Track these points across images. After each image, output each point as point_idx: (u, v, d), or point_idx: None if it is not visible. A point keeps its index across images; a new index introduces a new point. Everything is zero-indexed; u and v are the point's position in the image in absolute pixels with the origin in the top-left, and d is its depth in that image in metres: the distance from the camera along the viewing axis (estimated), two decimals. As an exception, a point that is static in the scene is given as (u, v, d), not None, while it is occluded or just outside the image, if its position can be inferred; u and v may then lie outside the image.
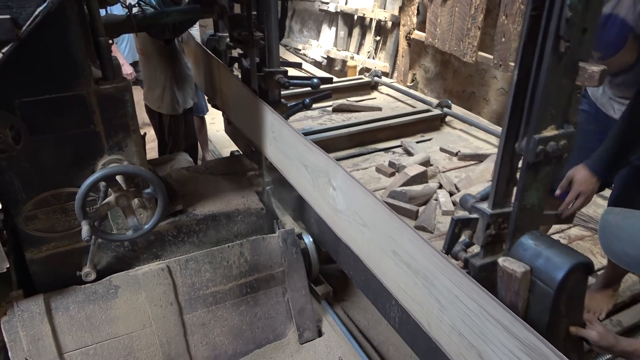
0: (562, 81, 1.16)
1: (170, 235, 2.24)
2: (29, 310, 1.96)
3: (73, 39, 1.68)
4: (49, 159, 1.83)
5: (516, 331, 1.13)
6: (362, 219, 1.70)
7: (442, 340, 1.43)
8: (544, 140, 1.19)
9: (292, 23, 8.07)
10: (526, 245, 1.29)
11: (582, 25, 1.10)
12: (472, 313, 1.25)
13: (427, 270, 1.38)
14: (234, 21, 2.54)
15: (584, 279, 1.25)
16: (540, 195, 1.30)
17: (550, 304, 1.23)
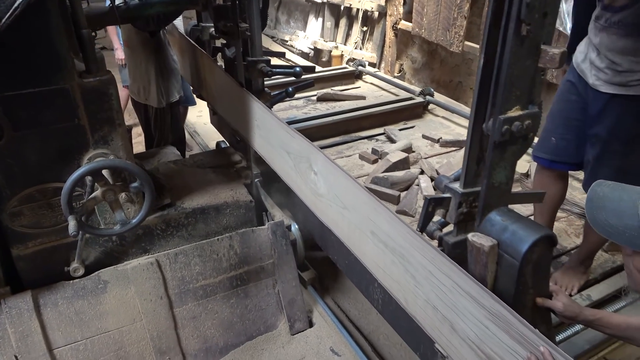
0: (526, 63, 1.20)
1: (158, 229, 2.23)
2: (17, 307, 1.94)
3: (55, 32, 1.65)
4: (34, 154, 1.80)
5: (484, 301, 1.20)
6: (342, 202, 1.74)
7: (418, 315, 1.50)
8: (509, 120, 1.24)
9: (279, 14, 8.02)
10: (494, 221, 1.34)
11: (542, 10, 1.14)
12: (444, 287, 1.31)
13: (403, 248, 1.44)
14: (219, 12, 2.52)
15: (548, 251, 1.30)
16: (507, 173, 1.35)
17: (516, 275, 1.28)
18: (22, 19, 1.42)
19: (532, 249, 1.25)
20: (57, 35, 1.66)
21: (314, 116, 3.78)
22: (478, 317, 1.24)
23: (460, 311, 1.29)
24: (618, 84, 1.85)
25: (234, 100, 2.50)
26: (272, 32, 7.95)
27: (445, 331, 1.39)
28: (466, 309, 1.27)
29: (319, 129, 3.59)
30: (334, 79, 4.75)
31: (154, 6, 2.56)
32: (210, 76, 2.83)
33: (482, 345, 1.26)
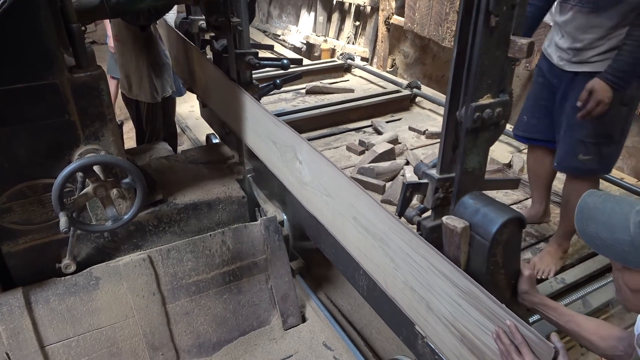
0: (496, 53, 1.26)
1: (150, 225, 2.22)
2: (8, 304, 1.93)
3: (44, 26, 1.63)
4: (23, 150, 1.78)
5: (456, 280, 1.26)
6: (325, 189, 1.79)
7: (397, 297, 1.56)
8: (481, 108, 1.29)
9: (271, 8, 7.98)
10: (467, 204, 1.40)
11: (510, 2, 1.19)
12: (420, 268, 1.38)
13: (382, 232, 1.50)
14: (210, 7, 2.50)
15: (517, 232, 1.35)
16: (480, 159, 1.42)
17: (487, 254, 1.33)
18: (10, 14, 1.41)
19: (502, 229, 1.30)
20: (47, 29, 1.64)
21: (303, 108, 3.82)
22: (451, 295, 1.29)
23: (435, 290, 1.35)
24: (579, 61, 2.01)
25: (224, 94, 2.51)
26: (264, 27, 7.91)
27: (422, 311, 1.45)
28: (440, 288, 1.32)
29: (307, 121, 3.64)
30: (323, 72, 4.79)
31: (145, 0, 2.53)
32: (200, 70, 2.83)
33: (455, 322, 1.32)
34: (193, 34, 3.08)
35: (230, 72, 2.49)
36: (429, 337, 1.47)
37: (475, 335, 1.26)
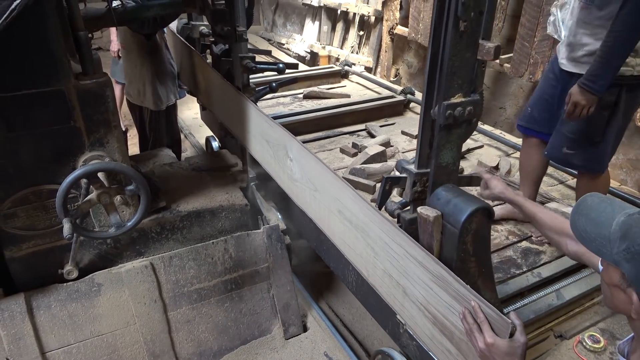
0: (465, 55, 1.35)
1: (153, 232, 2.22)
2: (10, 309, 1.93)
3: (51, 33, 1.65)
4: (28, 156, 1.79)
5: (428, 265, 1.36)
6: (313, 184, 1.88)
7: (377, 285, 1.66)
8: (452, 106, 1.38)
9: (276, 17, 8.03)
10: (440, 195, 1.48)
11: (477, 8, 1.29)
12: (397, 255, 1.48)
13: (364, 223, 1.60)
14: (216, 16, 2.52)
15: (486, 222, 1.43)
16: (453, 154, 1.51)
17: (457, 242, 1.41)
18: (19, 21, 1.41)
19: (470, 218, 1.38)
20: (54, 36, 1.65)
21: (299, 112, 3.92)
22: (424, 280, 1.39)
23: (411, 276, 1.45)
24: (573, 60, 2.09)
25: (223, 97, 2.59)
26: (269, 35, 7.95)
27: (399, 296, 1.55)
28: (415, 273, 1.42)
29: (302, 124, 3.73)
30: (320, 78, 4.88)
31: (151, 9, 2.56)
32: (202, 76, 2.90)
33: (428, 305, 1.41)
34: (194, 38, 3.17)
35: (235, 80, 2.52)
36: (407, 324, 1.56)
37: (445, 317, 1.35)
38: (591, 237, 1.01)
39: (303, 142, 2.10)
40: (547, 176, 3.07)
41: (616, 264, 0.96)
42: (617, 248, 0.95)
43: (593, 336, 2.07)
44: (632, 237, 0.92)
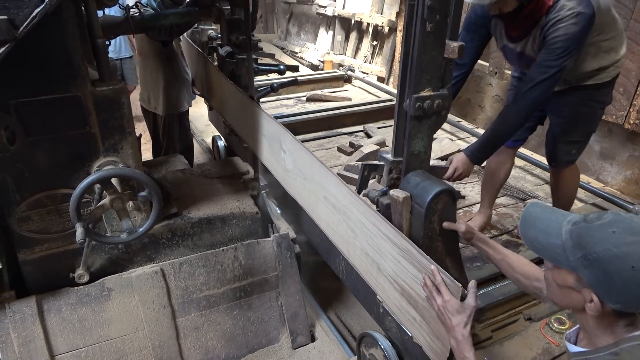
0: (433, 54, 1.49)
1: (164, 238, 2.23)
2: (21, 311, 1.94)
3: (70, 40, 1.67)
4: (44, 160, 1.82)
5: (397, 241, 1.51)
6: (303, 173, 2.03)
7: (357, 264, 1.82)
8: (421, 99, 1.53)
9: (290, 26, 8.09)
10: (410, 179, 1.64)
11: (442, 11, 1.42)
12: (372, 234, 1.63)
13: (345, 207, 1.75)
14: (232, 25, 2.55)
15: (450, 203, 1.58)
16: (424, 143, 1.65)
17: (423, 220, 1.56)
18: (38, 28, 1.44)
19: (435, 199, 1.53)
20: (72, 43, 1.68)
21: (300, 112, 4.06)
22: (394, 255, 1.54)
23: (383, 253, 1.60)
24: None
25: (239, 111, 2.66)
26: (282, 44, 8.01)
27: (374, 272, 1.70)
28: (386, 249, 1.57)
29: (303, 124, 3.86)
30: (324, 82, 5.02)
31: (168, 17, 2.60)
32: (217, 85, 2.99)
33: (397, 278, 1.57)
34: (203, 42, 3.26)
35: (249, 90, 2.55)
36: (383, 300, 1.71)
37: (411, 287, 1.51)
38: (544, 247, 1.10)
39: (303, 141, 2.42)
40: (533, 176, 3.29)
41: (574, 270, 1.05)
42: (572, 256, 1.04)
43: (559, 319, 2.23)
44: (587, 247, 1.02)
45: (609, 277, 0.99)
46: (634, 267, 0.96)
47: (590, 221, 1.05)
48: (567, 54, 1.85)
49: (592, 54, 2.03)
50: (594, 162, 3.97)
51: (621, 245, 0.98)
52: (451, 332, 1.30)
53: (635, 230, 1.00)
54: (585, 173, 3.55)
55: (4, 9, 1.37)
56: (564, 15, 1.83)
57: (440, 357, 1.45)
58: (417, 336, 1.58)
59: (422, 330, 1.52)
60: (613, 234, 1.00)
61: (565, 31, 1.82)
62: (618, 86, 3.26)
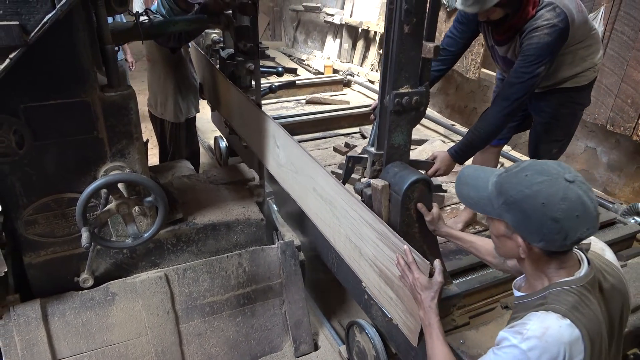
0: (411, 54, 1.60)
1: (169, 244, 2.24)
2: (25, 315, 1.95)
3: (80, 46, 1.69)
4: (51, 164, 1.83)
5: (375, 226, 1.62)
6: (294, 166, 2.13)
7: (341, 250, 1.93)
8: (400, 95, 1.64)
9: (297, 33, 8.12)
10: (389, 170, 1.75)
11: (419, 14, 1.53)
12: (354, 220, 1.74)
13: (331, 197, 1.87)
14: (240, 32, 2.56)
15: (426, 192, 1.68)
16: (404, 137, 1.75)
17: (400, 207, 1.66)
18: (49, 33, 1.46)
19: (411, 187, 1.63)
20: (82, 49, 1.70)
21: (298, 114, 4.17)
22: (372, 239, 1.65)
23: (364, 237, 1.71)
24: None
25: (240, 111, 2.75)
26: (290, 51, 8.04)
27: (356, 257, 1.81)
28: (367, 234, 1.68)
29: (301, 125, 3.98)
30: (323, 85, 5.10)
31: (177, 24, 2.61)
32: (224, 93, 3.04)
33: (376, 260, 1.68)
34: (206, 45, 3.39)
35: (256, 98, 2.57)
36: (365, 284, 1.84)
37: (387, 268, 1.63)
38: (475, 200, 1.21)
39: (300, 141, 2.59)
40: None
41: (499, 216, 1.15)
42: (497, 204, 1.14)
43: None
44: (505, 192, 1.12)
45: (526, 216, 1.08)
46: (544, 204, 1.05)
47: (509, 170, 1.16)
48: (539, 61, 1.94)
49: (568, 61, 2.16)
50: (602, 174, 3.95)
51: (532, 185, 1.07)
52: (420, 304, 1.42)
53: (545, 171, 1.08)
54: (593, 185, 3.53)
55: (15, 14, 1.39)
56: (539, 24, 1.93)
57: (412, 332, 1.58)
58: (393, 314, 1.71)
59: (397, 308, 1.64)
60: (525, 177, 1.09)
61: (538, 40, 1.93)
62: (626, 98, 3.25)
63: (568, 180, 1.06)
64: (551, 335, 1.04)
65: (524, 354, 1.03)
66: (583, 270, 1.13)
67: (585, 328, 1.06)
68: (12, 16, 1.39)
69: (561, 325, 1.05)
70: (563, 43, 2.00)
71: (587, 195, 1.06)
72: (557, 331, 1.04)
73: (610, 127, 3.40)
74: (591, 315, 1.09)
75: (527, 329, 1.06)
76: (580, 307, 1.08)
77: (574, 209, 1.04)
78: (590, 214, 1.06)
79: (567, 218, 1.04)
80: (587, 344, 1.05)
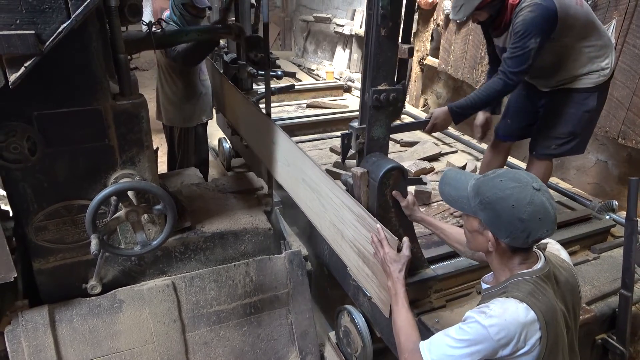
0: (388, 54, 1.76)
1: (177, 252, 2.24)
2: (33, 320, 1.96)
3: (93, 55, 1.71)
4: (63, 171, 1.85)
5: (354, 209, 1.82)
6: (287, 160, 2.32)
7: (327, 234, 2.11)
8: (378, 92, 1.80)
9: (307, 44, 8.18)
10: (368, 159, 1.90)
11: (394, 19, 1.69)
12: (337, 205, 1.93)
13: (317, 185, 2.06)
14: (251, 43, 2.58)
15: (401, 180, 1.83)
16: (383, 130, 1.91)
17: (377, 192, 1.80)
18: (64, 43, 1.48)
19: (387, 174, 1.78)
20: (96, 59, 1.72)
21: (297, 116, 4.31)
22: (352, 221, 1.84)
23: (344, 220, 1.90)
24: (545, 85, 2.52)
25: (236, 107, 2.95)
26: (300, 61, 8.08)
27: (339, 239, 2.00)
28: (347, 218, 1.88)
29: (300, 127, 4.09)
30: (324, 90, 5.23)
31: (189, 34, 2.64)
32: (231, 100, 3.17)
33: (355, 241, 1.86)
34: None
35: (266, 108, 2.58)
36: (349, 267, 2.00)
37: (364, 247, 1.79)
38: (455, 199, 1.37)
39: (299, 142, 2.75)
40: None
41: (475, 214, 1.31)
42: (473, 203, 1.30)
43: None
44: (482, 193, 1.28)
45: (497, 216, 1.24)
46: (513, 206, 1.22)
47: (486, 175, 1.32)
48: (527, 35, 2.11)
49: (572, 57, 2.29)
50: (612, 187, 3.91)
51: (505, 189, 1.24)
52: (389, 276, 1.58)
53: (517, 179, 1.25)
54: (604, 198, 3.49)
55: (31, 24, 1.41)
56: (523, 6, 2.13)
57: (385, 305, 1.73)
58: (370, 290, 1.88)
59: (373, 284, 1.81)
60: (500, 182, 1.26)
61: (523, 18, 2.11)
62: (638, 111, 3.22)
63: (535, 188, 1.23)
64: (509, 315, 1.20)
65: (485, 329, 1.19)
66: (540, 264, 1.30)
67: (540, 312, 1.21)
68: (29, 25, 1.41)
69: (519, 308, 1.21)
70: (550, 22, 2.13)
71: (549, 202, 1.24)
72: (515, 312, 1.20)
73: (622, 141, 3.37)
74: (546, 301, 1.24)
75: (489, 309, 1.22)
76: (535, 294, 1.24)
77: (538, 212, 1.21)
78: (550, 218, 1.23)
79: (531, 219, 1.21)
80: (543, 326, 1.21)
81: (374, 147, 1.91)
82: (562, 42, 2.22)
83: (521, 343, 1.20)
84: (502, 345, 1.19)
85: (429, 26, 5.39)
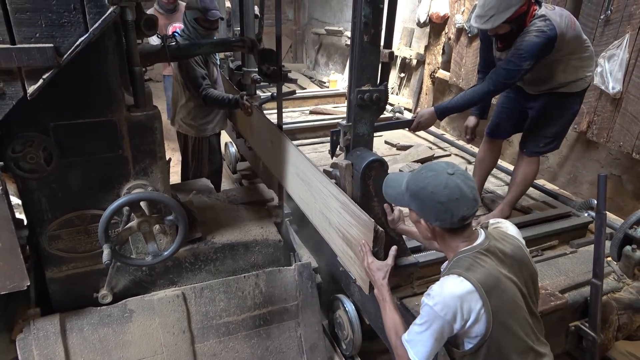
0: (371, 58, 1.91)
1: (187, 262, 2.25)
2: (45, 329, 1.97)
3: (109, 68, 1.74)
4: (77, 181, 1.87)
5: (339, 197, 1.99)
6: (283, 157, 2.49)
7: (317, 223, 2.28)
8: (362, 92, 1.94)
9: (319, 56, 8.24)
10: (353, 153, 2.04)
11: (376, 27, 1.85)
12: (325, 195, 2.10)
13: (309, 178, 2.24)
14: (264, 56, 2.61)
15: (382, 171, 1.95)
16: (367, 127, 2.05)
17: (360, 182, 1.94)
18: (81, 55, 1.51)
19: (369, 165, 1.92)
20: (112, 71, 1.75)
21: (299, 120, 4.49)
22: (337, 209, 2.01)
23: (331, 209, 2.06)
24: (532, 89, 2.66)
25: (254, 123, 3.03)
26: (311, 73, 8.14)
27: (327, 226, 2.16)
28: (333, 205, 2.04)
29: (302, 131, 4.28)
30: (327, 97, 5.42)
31: (203, 47, 2.68)
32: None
33: (340, 226, 2.02)
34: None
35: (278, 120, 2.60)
36: (338, 255, 2.13)
37: (347, 231, 1.96)
38: (394, 197, 1.56)
39: (300, 145, 2.97)
40: (497, 179, 3.52)
41: (409, 206, 1.48)
42: (406, 197, 1.48)
43: None
44: (410, 187, 1.46)
45: (423, 203, 1.42)
46: (432, 192, 1.39)
47: (413, 171, 1.50)
48: (525, 56, 2.26)
49: (561, 69, 2.46)
50: (627, 202, 3.86)
51: (424, 179, 1.42)
52: (375, 283, 1.72)
53: (433, 169, 1.43)
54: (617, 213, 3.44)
55: (50, 37, 1.44)
56: (530, 29, 2.28)
57: (365, 283, 1.90)
58: (352, 271, 2.03)
59: (355, 265, 1.96)
60: (421, 174, 1.44)
61: (528, 40, 2.26)
62: (652, 126, 3.19)
63: (449, 173, 1.39)
64: (447, 291, 1.35)
65: (432, 309, 1.35)
66: (479, 239, 1.45)
67: (478, 282, 1.34)
68: (47, 39, 1.44)
69: (455, 283, 1.35)
70: (549, 48, 2.29)
71: (464, 183, 1.38)
72: (451, 288, 1.35)
73: (636, 155, 3.33)
74: (485, 272, 1.37)
75: (432, 290, 1.39)
76: (473, 267, 1.37)
77: (454, 193, 1.37)
78: (466, 197, 1.37)
79: (449, 201, 1.37)
80: (482, 294, 1.33)
81: (359, 143, 2.05)
82: (554, 57, 2.37)
83: (466, 315, 1.34)
84: (449, 321, 1.34)
85: (441, 40, 5.40)
